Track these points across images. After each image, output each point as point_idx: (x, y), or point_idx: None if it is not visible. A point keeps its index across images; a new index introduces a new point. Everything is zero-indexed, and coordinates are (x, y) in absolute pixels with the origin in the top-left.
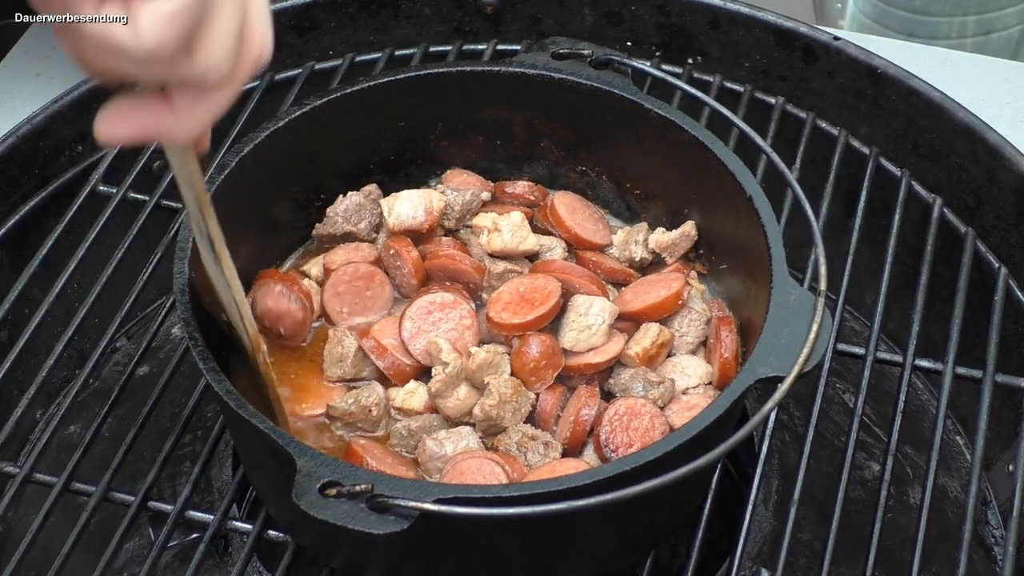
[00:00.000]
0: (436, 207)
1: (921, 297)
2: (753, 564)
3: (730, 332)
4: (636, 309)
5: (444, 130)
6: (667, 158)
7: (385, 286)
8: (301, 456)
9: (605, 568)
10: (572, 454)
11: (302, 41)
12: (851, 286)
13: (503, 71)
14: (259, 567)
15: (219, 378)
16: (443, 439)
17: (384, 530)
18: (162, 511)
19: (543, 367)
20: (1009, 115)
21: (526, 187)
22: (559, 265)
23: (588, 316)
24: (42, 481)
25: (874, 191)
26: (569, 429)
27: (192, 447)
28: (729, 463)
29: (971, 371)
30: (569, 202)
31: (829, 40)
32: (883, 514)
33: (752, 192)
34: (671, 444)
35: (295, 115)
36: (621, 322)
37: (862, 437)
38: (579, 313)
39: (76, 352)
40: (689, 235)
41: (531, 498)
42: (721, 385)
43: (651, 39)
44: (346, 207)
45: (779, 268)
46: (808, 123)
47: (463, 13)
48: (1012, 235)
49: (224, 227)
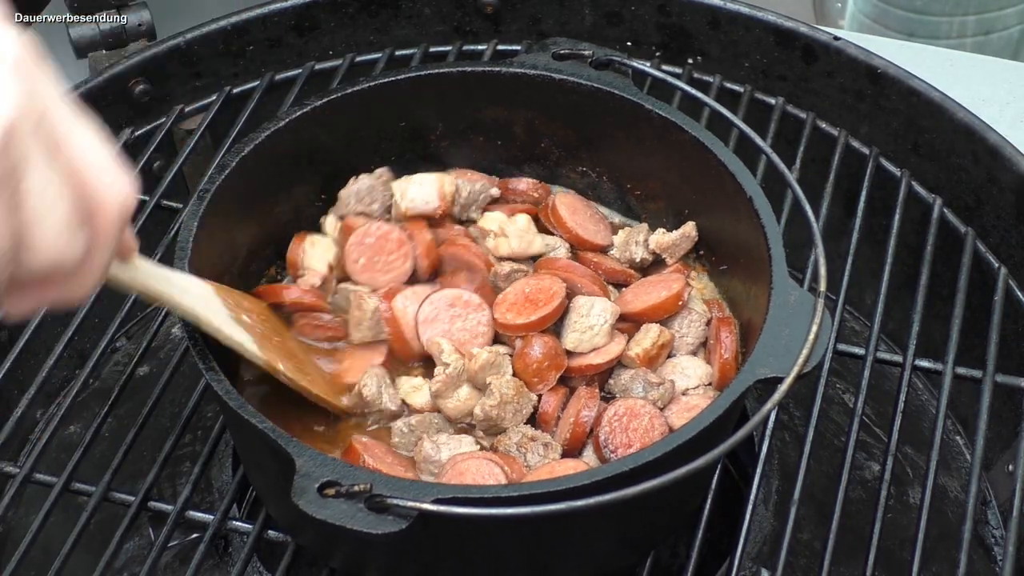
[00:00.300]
0: (448, 192)
1: (921, 297)
2: (753, 564)
3: (730, 333)
4: (637, 310)
5: (444, 130)
6: (667, 159)
7: (407, 259)
8: (300, 456)
9: (605, 568)
10: (572, 454)
11: (302, 41)
12: (851, 286)
13: (503, 71)
14: (259, 567)
15: (219, 378)
16: (441, 444)
17: (383, 530)
18: (162, 511)
19: (546, 368)
20: (1009, 115)
21: (529, 184)
22: (563, 263)
23: (590, 317)
24: (42, 481)
25: (874, 191)
26: (569, 430)
27: (192, 447)
28: (729, 463)
29: (971, 371)
30: (570, 202)
31: (829, 40)
32: (883, 514)
33: (752, 192)
34: (670, 444)
35: (295, 115)
36: (622, 323)
37: (862, 437)
38: (581, 314)
39: (76, 352)
40: (690, 236)
41: (530, 498)
42: (721, 386)
43: (651, 39)
44: (358, 188)
45: (779, 268)
46: (808, 123)
47: (463, 13)
48: (1012, 235)
49: (224, 227)
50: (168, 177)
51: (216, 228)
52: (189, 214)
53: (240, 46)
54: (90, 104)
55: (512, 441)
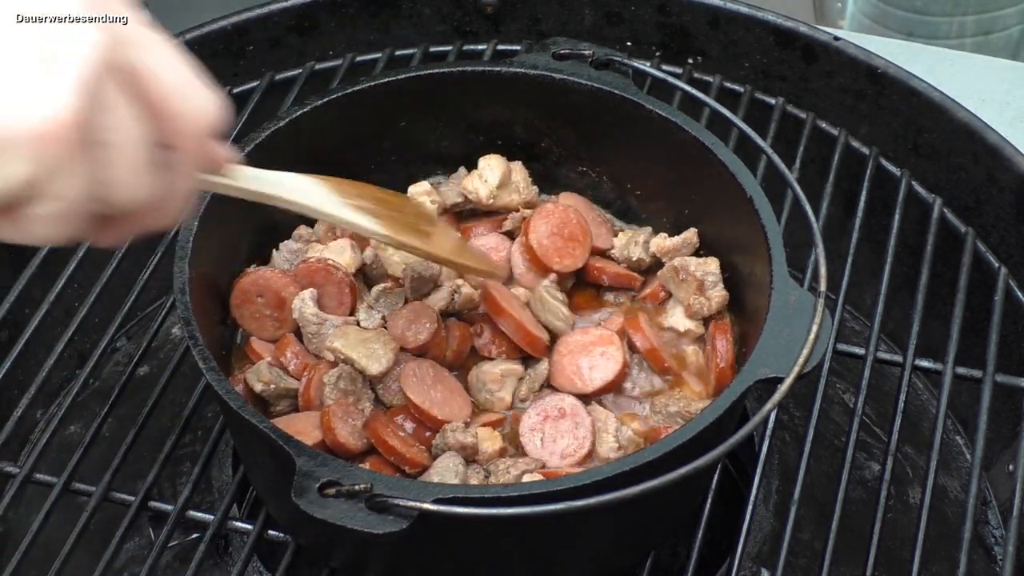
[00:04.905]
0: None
1: (921, 297)
2: (753, 564)
3: (726, 341)
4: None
5: (444, 130)
6: (667, 159)
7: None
8: (300, 455)
9: (605, 568)
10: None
11: (302, 41)
12: (851, 286)
13: (503, 71)
14: (259, 567)
15: (219, 378)
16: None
17: (383, 530)
18: (162, 511)
19: None
20: (1009, 115)
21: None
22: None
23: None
24: (42, 481)
25: (874, 191)
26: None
27: (192, 447)
28: (729, 463)
29: (971, 371)
30: (573, 204)
31: (829, 40)
32: (883, 514)
33: (752, 193)
34: (670, 444)
35: (295, 115)
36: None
37: (862, 437)
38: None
39: (76, 352)
40: (691, 242)
41: (530, 498)
42: (718, 393)
43: (651, 39)
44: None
45: (779, 268)
46: (808, 123)
47: (463, 13)
48: (1012, 235)
49: (224, 226)
50: None
51: (216, 228)
52: (189, 214)
53: (240, 46)
54: None
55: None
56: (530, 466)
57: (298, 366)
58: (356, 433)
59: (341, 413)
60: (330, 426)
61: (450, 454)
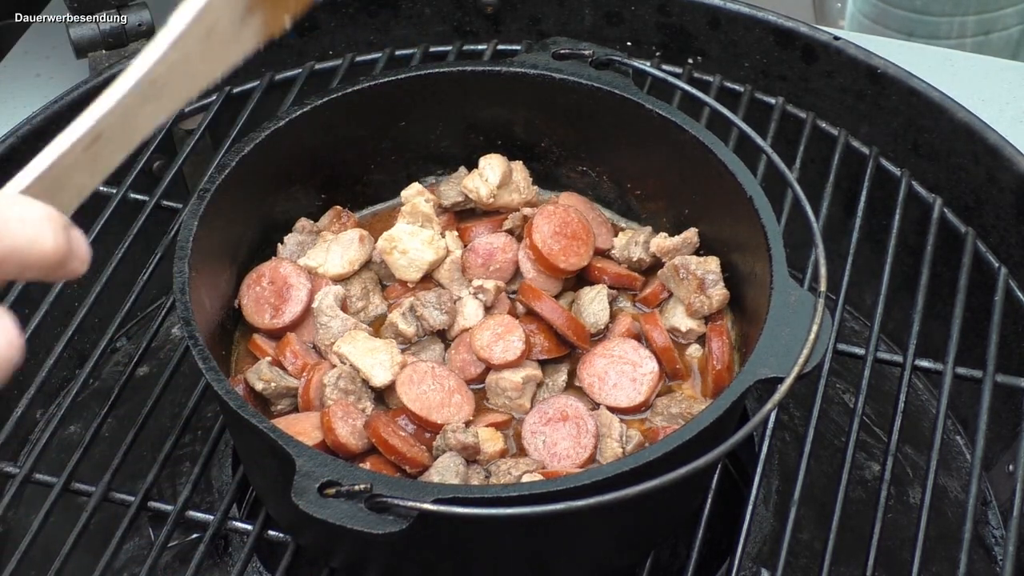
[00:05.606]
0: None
1: (921, 297)
2: (753, 564)
3: (722, 343)
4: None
5: (444, 130)
6: (668, 158)
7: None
8: (300, 456)
9: (605, 568)
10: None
11: (302, 41)
12: (851, 286)
13: (503, 71)
14: (259, 567)
15: (219, 378)
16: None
17: (383, 530)
18: (162, 511)
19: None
20: (1009, 115)
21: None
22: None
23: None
24: (42, 481)
25: (874, 191)
26: None
27: (192, 447)
28: (729, 463)
29: (971, 371)
30: (573, 204)
31: (829, 40)
32: (883, 514)
33: (752, 192)
34: (670, 445)
35: (295, 115)
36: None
37: (862, 437)
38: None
39: (76, 352)
40: (691, 242)
41: (530, 498)
42: (715, 395)
43: (651, 39)
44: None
45: (779, 268)
46: (808, 123)
47: (463, 13)
48: (1012, 235)
49: (224, 226)
50: (168, 177)
51: (216, 228)
52: (189, 214)
53: None
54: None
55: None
56: (531, 467)
57: (297, 366)
58: (356, 433)
59: (341, 413)
60: (330, 426)
61: (451, 454)
